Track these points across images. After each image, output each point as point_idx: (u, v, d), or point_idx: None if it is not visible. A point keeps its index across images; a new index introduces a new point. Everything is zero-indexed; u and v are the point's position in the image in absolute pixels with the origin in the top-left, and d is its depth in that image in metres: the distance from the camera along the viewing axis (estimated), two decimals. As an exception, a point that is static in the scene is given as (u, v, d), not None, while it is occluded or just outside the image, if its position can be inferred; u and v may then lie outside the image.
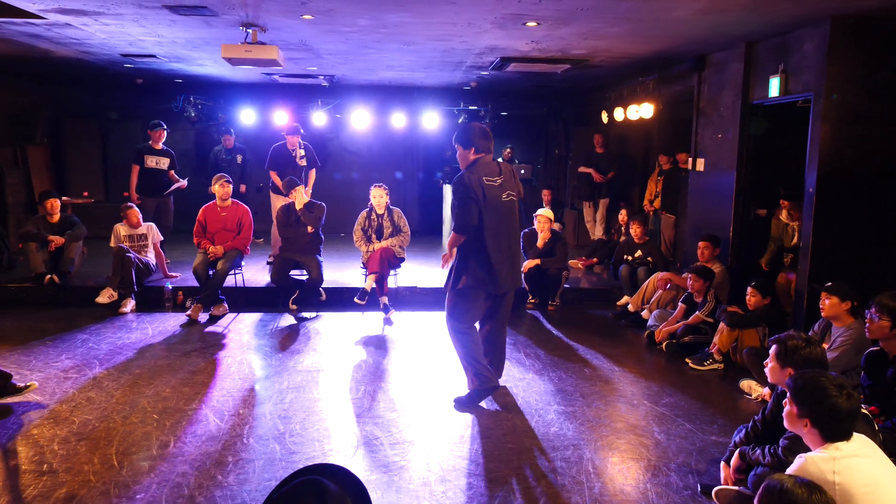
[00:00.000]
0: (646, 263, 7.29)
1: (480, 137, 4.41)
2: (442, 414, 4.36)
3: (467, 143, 4.41)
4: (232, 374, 5.06)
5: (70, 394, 4.57)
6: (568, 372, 5.22)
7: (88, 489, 3.29)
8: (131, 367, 5.16)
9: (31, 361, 5.22)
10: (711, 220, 6.91)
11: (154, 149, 8.29)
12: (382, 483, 3.43)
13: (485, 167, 4.35)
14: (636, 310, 6.69)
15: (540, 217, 7.38)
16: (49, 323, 6.33)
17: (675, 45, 6.53)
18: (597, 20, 5.40)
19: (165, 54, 7.66)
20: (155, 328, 6.27)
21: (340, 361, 5.43)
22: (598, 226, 9.93)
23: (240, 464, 3.60)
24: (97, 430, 3.99)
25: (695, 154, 7.35)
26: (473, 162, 4.38)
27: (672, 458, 3.75)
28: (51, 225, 7.34)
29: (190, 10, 5.30)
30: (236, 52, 5.78)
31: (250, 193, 10.24)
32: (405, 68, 8.58)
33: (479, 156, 4.39)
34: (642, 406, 4.56)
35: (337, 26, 5.89)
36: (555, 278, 7.24)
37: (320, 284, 6.88)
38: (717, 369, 5.33)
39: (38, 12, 5.47)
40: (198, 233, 6.90)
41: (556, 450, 3.83)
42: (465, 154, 4.43)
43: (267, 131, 11.11)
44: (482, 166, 4.35)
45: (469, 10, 5.15)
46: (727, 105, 6.66)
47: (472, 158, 4.40)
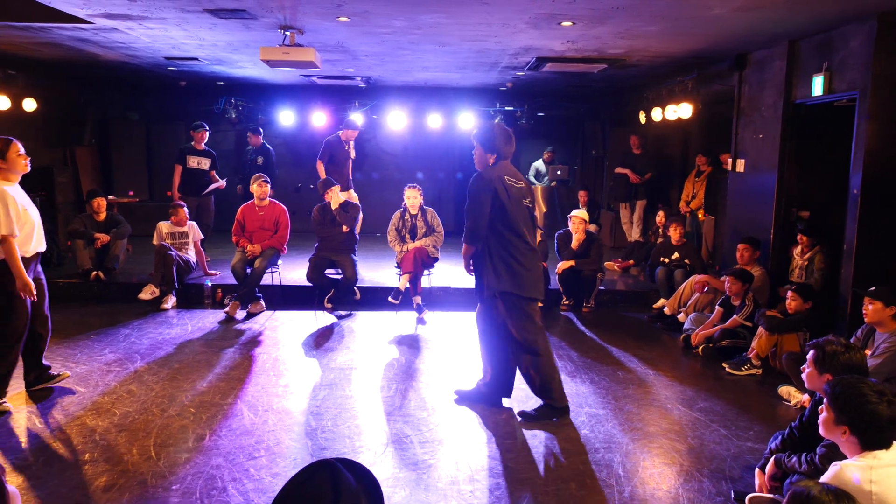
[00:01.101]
0: (683, 266, 7.18)
1: (504, 143, 4.22)
2: (472, 413, 4.37)
3: (489, 147, 4.22)
4: (267, 371, 5.15)
5: (112, 386, 4.72)
6: (601, 374, 5.17)
7: (127, 479, 3.40)
8: (171, 361, 5.30)
9: (77, 354, 5.40)
10: (751, 222, 6.76)
11: (196, 149, 8.50)
12: (411, 481, 3.45)
13: (506, 167, 4.24)
14: (672, 313, 6.59)
15: (574, 218, 7.32)
16: (94, 318, 6.54)
17: (714, 43, 6.42)
18: (632, 19, 5.35)
19: (207, 57, 7.85)
20: (194, 324, 6.42)
21: (373, 360, 5.48)
22: (634, 227, 9.80)
23: (272, 458, 3.67)
24: (137, 422, 4.11)
25: (734, 155, 7.20)
26: (492, 165, 4.22)
27: (705, 464, 3.69)
28: (97, 223, 7.58)
29: (230, 13, 5.42)
30: (274, 55, 5.89)
31: None
32: (440, 69, 8.62)
33: (496, 161, 4.23)
34: (676, 410, 4.50)
35: (372, 28, 5.95)
36: (589, 280, 7.18)
37: (355, 283, 6.95)
38: (755, 375, 5.21)
39: (85, 17, 5.66)
40: (236, 231, 7.05)
41: (587, 452, 3.80)
42: (485, 158, 4.24)
43: (305, 132, 11.29)
44: (503, 167, 4.23)
45: (503, 10, 5.15)
46: (768, 105, 6.51)
47: (490, 163, 4.23)
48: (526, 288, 4.18)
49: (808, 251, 5.97)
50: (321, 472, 1.31)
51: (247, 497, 3.24)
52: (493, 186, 4.11)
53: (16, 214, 4.14)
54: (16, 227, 4.12)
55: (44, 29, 6.33)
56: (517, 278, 4.16)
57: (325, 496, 1.28)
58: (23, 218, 4.21)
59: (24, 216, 4.21)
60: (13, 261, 4.11)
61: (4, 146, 4.19)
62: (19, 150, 4.24)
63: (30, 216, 4.26)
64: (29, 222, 4.25)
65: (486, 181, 4.12)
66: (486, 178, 4.15)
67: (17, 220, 4.14)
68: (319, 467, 1.32)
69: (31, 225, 4.26)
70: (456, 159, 11.99)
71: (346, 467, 1.35)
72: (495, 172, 4.17)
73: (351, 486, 1.32)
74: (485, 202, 4.10)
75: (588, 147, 12.60)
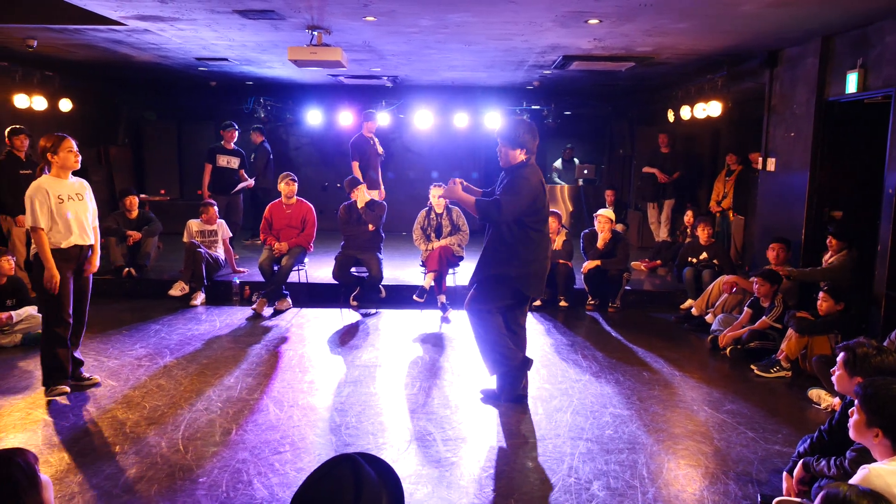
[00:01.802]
0: (711, 266, 7.08)
1: (531, 138, 4.23)
2: (495, 412, 4.37)
3: (515, 142, 4.20)
4: (293, 367, 5.21)
5: (142, 380, 4.82)
6: (626, 375, 5.13)
7: (156, 471, 3.47)
8: (199, 357, 5.39)
9: (109, 349, 5.52)
10: (782, 222, 6.64)
11: (226, 148, 8.63)
12: (434, 478, 3.47)
13: (538, 171, 4.28)
14: (700, 314, 6.50)
15: (600, 217, 7.27)
16: (126, 313, 6.68)
17: (745, 40, 6.32)
18: (661, 16, 5.29)
19: (236, 57, 7.96)
20: (222, 321, 6.52)
21: (397, 357, 5.51)
22: (662, 227, 9.69)
23: (297, 453, 3.71)
24: (166, 415, 4.20)
25: (765, 153, 7.08)
26: (525, 162, 4.24)
27: (731, 467, 3.64)
28: (129, 221, 7.74)
29: (259, 14, 5.49)
30: (302, 55, 5.95)
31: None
32: (467, 68, 8.62)
33: (528, 157, 4.24)
34: (702, 412, 4.44)
35: (399, 27, 5.98)
36: (615, 280, 7.12)
37: (380, 282, 6.99)
38: (784, 377, 5.12)
39: (119, 19, 5.79)
40: (264, 229, 7.14)
41: (610, 452, 3.78)
42: (514, 154, 4.22)
43: (332, 131, 11.38)
44: (535, 167, 4.27)
45: (529, 8, 5.14)
46: (801, 102, 6.39)
47: (521, 159, 4.23)
48: (532, 288, 4.30)
49: (835, 255, 5.82)
50: (342, 466, 1.33)
51: (271, 491, 3.28)
52: (540, 179, 4.19)
53: (48, 208, 4.29)
54: (41, 219, 4.27)
55: (79, 31, 6.49)
56: (534, 277, 4.26)
57: (347, 489, 1.29)
58: (58, 211, 4.33)
59: (58, 209, 4.33)
60: (42, 252, 4.28)
61: (57, 142, 4.38)
62: (71, 147, 4.40)
63: (64, 209, 4.36)
64: (63, 216, 4.35)
65: (529, 182, 4.14)
66: (528, 177, 4.16)
67: (48, 214, 4.29)
68: (341, 461, 1.34)
69: (65, 219, 4.37)
70: (482, 159, 11.98)
71: (368, 462, 1.36)
72: (538, 174, 4.23)
73: (372, 480, 1.33)
74: (527, 194, 4.12)
75: (615, 146, 12.49)
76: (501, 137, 4.27)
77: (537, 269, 4.29)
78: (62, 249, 4.37)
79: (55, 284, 4.29)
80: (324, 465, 1.33)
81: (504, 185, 4.22)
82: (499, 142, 4.30)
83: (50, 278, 4.27)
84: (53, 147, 4.37)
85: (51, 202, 4.31)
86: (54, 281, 4.28)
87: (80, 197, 4.49)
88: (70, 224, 4.40)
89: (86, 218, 4.52)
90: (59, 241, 4.37)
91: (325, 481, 1.30)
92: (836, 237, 5.77)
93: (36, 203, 4.28)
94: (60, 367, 4.46)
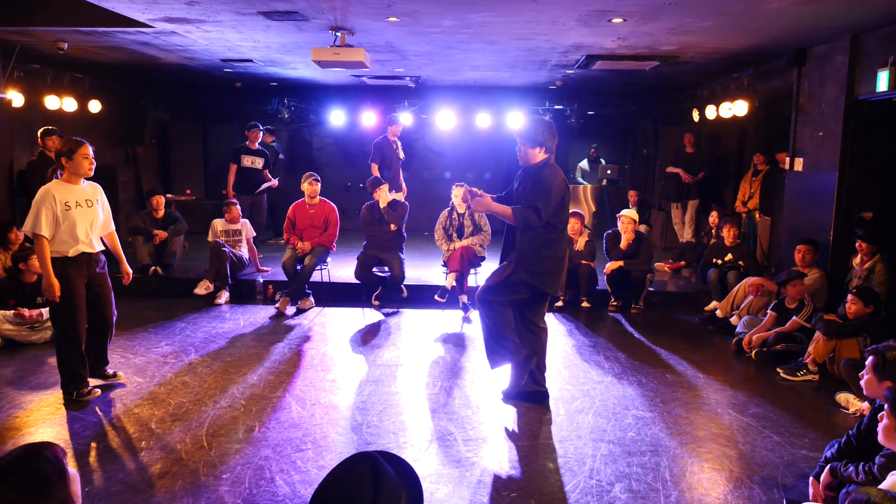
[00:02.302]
0: (737, 267, 6.99)
1: (550, 136, 4.21)
2: (516, 412, 4.36)
3: (535, 141, 4.19)
4: (315, 366, 5.25)
5: (168, 377, 4.89)
6: (649, 377, 5.08)
7: (180, 467, 3.52)
8: (223, 354, 5.45)
9: (135, 346, 5.62)
10: (810, 224, 6.53)
11: (250, 149, 8.73)
12: (454, 478, 3.47)
13: (559, 170, 4.24)
14: (725, 315, 6.42)
15: (623, 218, 7.21)
16: (152, 311, 6.79)
17: (772, 38, 6.22)
18: (686, 14, 5.23)
19: (261, 58, 8.04)
20: (246, 319, 6.60)
21: (419, 357, 5.52)
22: (686, 228, 9.58)
23: (318, 451, 3.74)
24: (190, 412, 4.25)
25: (793, 153, 6.97)
26: (545, 161, 4.22)
27: (756, 471, 3.58)
28: (156, 220, 7.86)
29: (283, 15, 5.55)
30: (325, 55, 5.99)
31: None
32: (489, 68, 8.61)
33: (547, 156, 4.23)
34: (727, 415, 4.38)
35: (421, 27, 5.99)
36: (638, 281, 7.06)
37: (402, 281, 7.02)
38: (811, 381, 5.03)
39: (146, 21, 5.88)
40: (287, 229, 7.20)
41: (632, 455, 3.74)
42: (533, 153, 4.22)
43: (355, 132, 11.44)
44: (558, 168, 4.25)
45: (552, 7, 5.11)
46: (829, 101, 6.27)
47: (541, 158, 4.22)
48: (550, 285, 4.28)
49: (867, 260, 5.70)
50: (361, 464, 1.33)
51: (293, 488, 3.31)
52: (563, 179, 4.19)
53: (53, 215, 4.15)
54: (43, 226, 4.11)
55: (108, 33, 6.60)
56: (550, 274, 4.25)
57: (366, 487, 1.30)
58: (65, 218, 4.19)
59: (65, 216, 4.19)
60: (42, 259, 4.15)
61: (74, 146, 4.24)
62: (87, 154, 4.26)
63: (71, 217, 4.21)
64: (70, 223, 4.21)
65: (559, 171, 4.17)
66: (558, 168, 4.19)
67: (52, 221, 4.15)
68: (360, 459, 1.34)
69: (72, 226, 4.22)
70: (504, 159, 11.95)
71: (387, 461, 1.36)
72: (562, 173, 4.23)
73: (391, 479, 1.34)
74: (556, 193, 4.11)
75: (639, 146, 12.39)
76: (521, 136, 4.26)
77: (556, 266, 4.27)
78: (70, 258, 4.24)
79: (55, 293, 4.15)
80: (343, 463, 1.33)
81: (531, 188, 4.16)
82: (518, 141, 4.29)
83: (49, 287, 4.13)
84: (69, 151, 4.22)
85: (57, 209, 4.17)
86: (53, 289, 4.14)
87: (89, 203, 4.34)
88: (76, 232, 4.25)
89: (94, 225, 4.36)
90: (65, 249, 4.23)
91: (344, 479, 1.31)
92: (866, 240, 5.65)
93: (42, 209, 4.13)
94: (75, 373, 4.37)
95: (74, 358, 4.37)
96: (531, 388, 4.48)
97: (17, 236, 6.76)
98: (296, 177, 9.74)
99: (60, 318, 4.33)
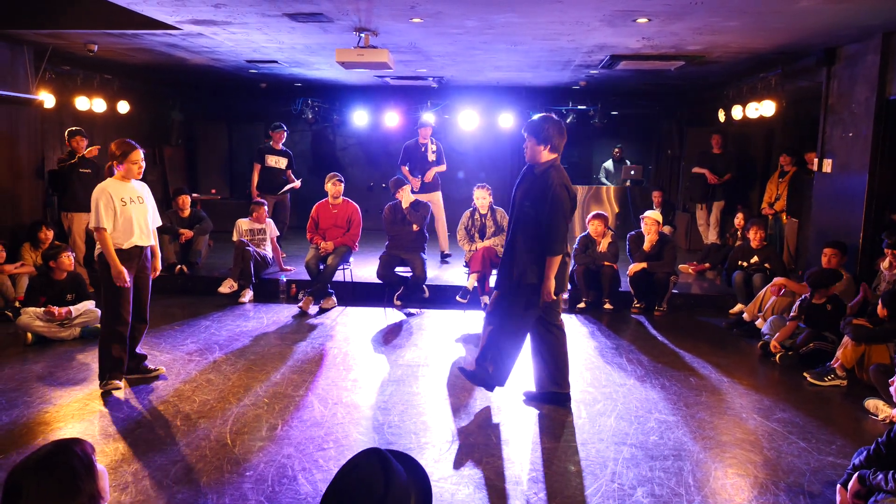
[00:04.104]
0: (763, 270, 6.89)
1: (558, 135, 4.14)
2: (537, 414, 4.34)
3: (541, 137, 4.11)
4: (337, 365, 5.28)
5: (193, 375, 4.96)
6: (672, 380, 5.03)
7: (205, 463, 3.57)
8: (247, 353, 5.51)
9: (161, 344, 5.70)
10: (838, 226, 6.42)
11: (274, 149, 8.80)
12: (475, 479, 3.47)
13: (562, 171, 4.19)
14: (751, 319, 6.33)
15: (647, 219, 7.15)
16: (178, 309, 6.88)
17: (801, 37, 6.12)
18: (713, 14, 5.17)
19: (286, 60, 8.11)
20: (269, 318, 6.66)
21: (440, 358, 5.53)
22: (711, 230, 9.47)
23: (340, 450, 3.76)
24: (215, 409, 4.31)
25: (821, 154, 6.85)
26: (551, 162, 4.16)
27: (782, 477, 3.53)
28: (182, 219, 7.97)
29: (308, 17, 5.59)
30: (349, 56, 6.02)
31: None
32: (513, 68, 8.59)
33: (553, 156, 4.16)
34: (752, 420, 4.32)
35: (445, 28, 6.00)
36: (662, 283, 6.99)
37: (424, 282, 7.03)
38: (839, 386, 4.94)
39: (174, 23, 5.97)
40: (311, 229, 7.26)
41: (655, 459, 3.71)
42: (539, 150, 4.12)
43: (378, 132, 11.49)
44: (561, 169, 4.19)
45: (576, 8, 5.09)
46: (860, 101, 6.16)
47: (547, 158, 4.14)
48: (561, 284, 4.27)
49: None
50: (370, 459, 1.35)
51: (315, 487, 3.34)
52: (567, 182, 4.13)
53: (112, 210, 4.47)
54: (105, 220, 4.44)
55: (137, 36, 6.72)
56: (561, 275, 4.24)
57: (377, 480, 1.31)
58: (122, 213, 4.51)
59: (122, 211, 4.51)
60: (107, 251, 4.46)
61: (127, 151, 4.53)
62: (137, 160, 4.56)
63: (127, 212, 4.54)
64: (126, 217, 4.53)
65: (560, 191, 4.05)
66: (561, 171, 4.13)
67: (112, 216, 4.47)
68: (368, 453, 1.36)
69: (128, 220, 4.54)
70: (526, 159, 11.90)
71: (397, 459, 1.37)
72: (564, 177, 4.15)
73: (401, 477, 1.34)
74: (560, 210, 4.05)
75: (663, 147, 12.27)
76: (528, 131, 4.20)
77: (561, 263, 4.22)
78: (123, 250, 4.54)
79: (124, 280, 4.47)
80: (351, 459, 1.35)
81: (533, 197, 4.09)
82: (525, 136, 4.23)
83: (118, 275, 4.45)
84: (122, 156, 4.52)
85: (115, 205, 4.49)
86: (123, 277, 4.46)
87: (140, 200, 4.66)
88: (132, 226, 4.57)
89: (145, 220, 4.67)
90: (120, 242, 4.53)
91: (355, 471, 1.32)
92: (894, 248, 5.49)
93: (101, 205, 4.44)
94: (117, 363, 4.61)
95: (120, 345, 4.59)
96: (553, 391, 4.46)
97: (47, 235, 6.91)
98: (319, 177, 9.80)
99: (111, 306, 4.57)
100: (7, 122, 7.24)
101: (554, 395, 4.46)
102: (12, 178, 7.34)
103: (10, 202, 7.32)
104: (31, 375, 4.91)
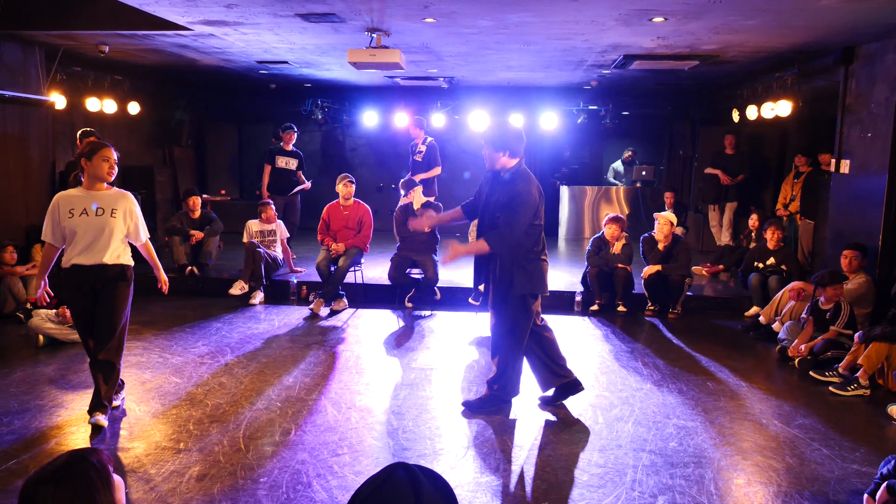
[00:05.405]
0: (779, 272, 6.80)
1: (515, 140, 4.16)
2: (553, 420, 4.28)
3: (498, 145, 4.13)
4: (349, 368, 5.23)
5: (205, 378, 4.92)
6: (689, 384, 4.95)
7: (218, 469, 3.52)
8: (259, 356, 5.47)
9: (173, 346, 5.67)
10: (856, 227, 6.32)
11: (285, 150, 8.77)
12: (492, 487, 3.41)
13: (530, 174, 4.20)
14: (768, 322, 6.24)
15: (661, 219, 7.07)
16: (188, 311, 6.86)
17: (819, 36, 6.03)
18: (732, 12, 5.09)
19: (297, 60, 8.07)
20: (280, 320, 6.62)
21: (453, 360, 5.48)
22: (724, 231, 9.37)
23: (355, 456, 3.71)
24: (227, 413, 4.27)
25: (839, 155, 6.75)
26: (515, 167, 4.16)
27: (805, 486, 3.45)
28: (192, 220, 7.95)
29: (319, 17, 5.55)
30: (361, 57, 5.98)
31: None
32: (524, 69, 8.53)
33: (515, 161, 4.16)
34: (772, 426, 4.24)
35: (458, 28, 5.94)
36: (676, 285, 6.91)
37: (435, 283, 6.98)
38: (862, 395, 4.83)
39: (186, 24, 5.94)
40: (322, 230, 7.22)
41: (675, 466, 3.64)
42: (498, 157, 4.14)
43: (388, 132, 11.44)
44: (528, 172, 4.19)
45: (592, 7, 5.02)
46: (879, 101, 6.06)
47: (509, 163, 4.14)
48: (543, 285, 4.29)
49: None
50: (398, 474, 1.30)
51: (331, 493, 3.29)
52: (535, 186, 4.14)
53: (54, 220, 3.93)
54: (45, 230, 3.96)
55: (148, 36, 6.70)
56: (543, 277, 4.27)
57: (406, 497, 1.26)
58: (66, 225, 3.90)
59: (68, 224, 3.90)
60: (40, 263, 4.12)
61: (95, 148, 3.93)
62: (107, 157, 3.92)
63: (72, 224, 3.90)
64: (69, 230, 3.91)
65: (531, 178, 4.13)
66: (530, 175, 4.16)
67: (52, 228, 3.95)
68: (396, 468, 1.31)
69: (71, 234, 3.91)
70: (537, 160, 11.84)
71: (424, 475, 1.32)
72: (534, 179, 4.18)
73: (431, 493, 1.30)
74: (532, 203, 4.06)
75: (675, 147, 12.16)
76: (485, 140, 4.21)
77: (543, 266, 4.25)
78: (64, 269, 3.97)
79: (42, 298, 4.04)
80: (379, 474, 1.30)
81: (507, 202, 4.07)
82: (483, 144, 4.23)
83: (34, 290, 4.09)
84: (89, 152, 3.91)
85: (59, 215, 3.90)
86: (37, 294, 4.03)
87: (101, 212, 3.93)
88: (75, 241, 3.91)
89: (105, 235, 3.94)
90: (67, 259, 3.96)
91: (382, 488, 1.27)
92: None
93: (48, 214, 3.95)
94: (95, 393, 4.06)
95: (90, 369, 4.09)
96: (561, 383, 4.41)
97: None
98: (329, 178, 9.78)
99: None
100: (18, 124, 7.23)
101: (563, 386, 4.42)
102: (23, 179, 7.34)
103: (22, 203, 7.31)
104: (42, 378, 4.89)
